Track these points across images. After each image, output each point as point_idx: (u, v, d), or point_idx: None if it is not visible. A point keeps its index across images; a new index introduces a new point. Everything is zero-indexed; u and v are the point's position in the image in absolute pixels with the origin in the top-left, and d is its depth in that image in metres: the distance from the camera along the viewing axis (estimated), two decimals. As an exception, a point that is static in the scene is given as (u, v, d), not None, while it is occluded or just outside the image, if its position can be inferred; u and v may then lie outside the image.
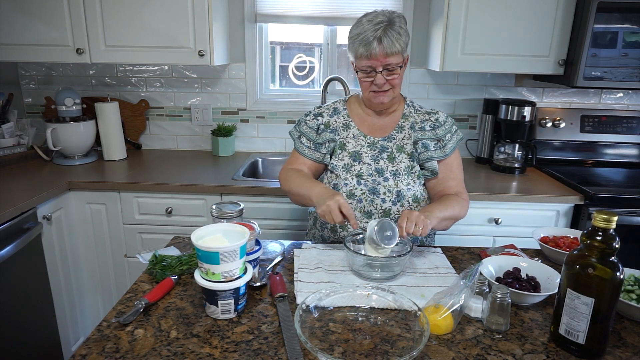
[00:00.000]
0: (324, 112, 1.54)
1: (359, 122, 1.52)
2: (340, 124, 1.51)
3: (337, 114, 1.53)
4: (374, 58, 1.34)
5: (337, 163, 1.48)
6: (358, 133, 1.49)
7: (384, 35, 1.32)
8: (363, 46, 1.34)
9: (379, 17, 1.35)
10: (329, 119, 1.52)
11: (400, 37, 1.34)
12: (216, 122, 2.56)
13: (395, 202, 1.43)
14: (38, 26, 2.08)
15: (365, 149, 1.47)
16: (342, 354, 0.87)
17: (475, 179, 2.19)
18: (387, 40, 1.32)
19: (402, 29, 1.35)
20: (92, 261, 2.11)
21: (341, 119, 1.52)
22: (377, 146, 1.47)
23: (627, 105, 2.48)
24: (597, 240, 0.85)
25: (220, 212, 1.19)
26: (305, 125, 1.54)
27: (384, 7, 2.37)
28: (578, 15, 2.01)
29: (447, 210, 1.34)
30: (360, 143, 1.48)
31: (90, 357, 0.87)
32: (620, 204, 1.91)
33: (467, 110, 2.52)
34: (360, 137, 1.49)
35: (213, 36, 2.11)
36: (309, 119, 1.55)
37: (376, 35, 1.31)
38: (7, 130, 2.24)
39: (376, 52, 1.33)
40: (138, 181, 2.01)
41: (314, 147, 1.52)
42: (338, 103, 1.57)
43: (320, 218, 1.50)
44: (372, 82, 1.39)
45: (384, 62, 1.35)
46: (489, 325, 0.98)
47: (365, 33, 1.33)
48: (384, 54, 1.33)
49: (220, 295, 0.97)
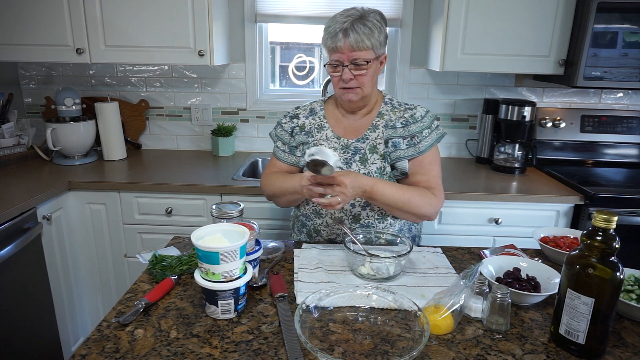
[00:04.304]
0: (301, 114, 1.52)
1: (334, 124, 1.47)
2: (315, 126, 1.48)
3: (314, 114, 1.50)
4: (340, 51, 1.30)
5: None
6: (332, 135, 1.45)
7: (351, 28, 1.28)
8: (330, 38, 1.31)
9: (351, 11, 1.33)
10: (304, 120, 1.50)
11: (372, 32, 1.29)
12: (216, 122, 2.56)
13: (364, 206, 1.40)
14: (38, 26, 2.08)
15: (339, 151, 1.43)
16: (342, 354, 0.87)
17: (475, 179, 2.19)
18: (354, 34, 1.28)
19: (375, 24, 1.31)
20: (92, 261, 2.11)
21: (316, 120, 1.48)
22: (350, 148, 1.43)
23: (627, 105, 2.48)
24: (597, 240, 0.85)
25: (220, 212, 1.19)
26: (281, 128, 1.54)
27: (384, 6, 2.39)
28: (578, 15, 2.01)
29: (398, 194, 1.29)
30: (333, 145, 1.44)
31: (90, 357, 0.87)
32: (620, 204, 1.91)
33: (467, 110, 2.52)
34: (334, 140, 1.45)
35: (213, 36, 2.11)
36: (284, 121, 1.53)
37: (343, 28, 1.28)
38: (7, 130, 2.24)
39: (341, 45, 1.29)
40: (138, 181, 2.01)
41: (289, 150, 1.52)
42: (316, 103, 1.54)
43: (297, 222, 1.50)
44: (340, 78, 1.35)
45: (351, 57, 1.30)
46: (489, 325, 0.98)
47: (334, 25, 1.30)
48: (350, 47, 1.29)
49: (220, 295, 0.97)
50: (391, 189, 1.31)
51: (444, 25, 2.08)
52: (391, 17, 2.40)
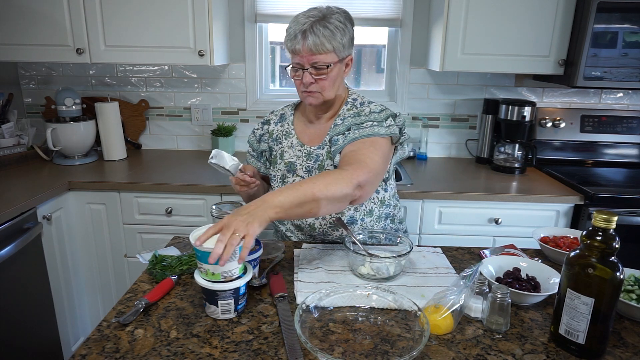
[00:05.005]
0: (272, 119, 1.50)
1: (300, 130, 1.43)
2: (283, 132, 1.45)
3: (283, 120, 1.47)
4: (299, 54, 1.25)
5: (275, 173, 1.45)
6: (296, 142, 1.41)
7: (310, 31, 1.22)
8: (290, 40, 1.26)
9: (313, 11, 1.26)
10: (274, 127, 1.47)
11: (333, 35, 1.23)
12: (216, 122, 2.56)
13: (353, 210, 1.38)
14: (38, 26, 2.08)
15: (302, 160, 1.39)
16: (342, 354, 0.87)
17: (475, 179, 2.19)
18: (312, 37, 1.22)
19: (337, 26, 1.24)
20: (92, 261, 2.11)
21: (285, 127, 1.45)
22: (312, 156, 1.38)
23: (627, 105, 2.48)
24: (597, 240, 0.85)
25: (220, 212, 1.19)
26: (253, 134, 1.53)
27: (383, 7, 2.39)
28: (578, 15, 2.01)
29: (299, 191, 1.02)
30: (297, 153, 1.40)
31: (90, 357, 0.87)
32: (620, 204, 1.91)
33: (467, 110, 2.52)
34: (298, 147, 1.41)
35: (213, 36, 2.11)
36: (257, 127, 1.52)
37: (302, 29, 1.22)
38: (7, 130, 2.24)
39: (300, 48, 1.24)
40: (138, 181, 2.01)
41: (256, 156, 1.53)
42: (287, 108, 1.50)
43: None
44: (301, 81, 1.29)
45: (311, 60, 1.25)
46: (489, 325, 0.98)
47: (295, 26, 1.24)
48: (309, 50, 1.23)
49: (220, 295, 0.97)
50: (284, 191, 1.04)
51: (444, 25, 2.08)
52: (391, 17, 2.40)
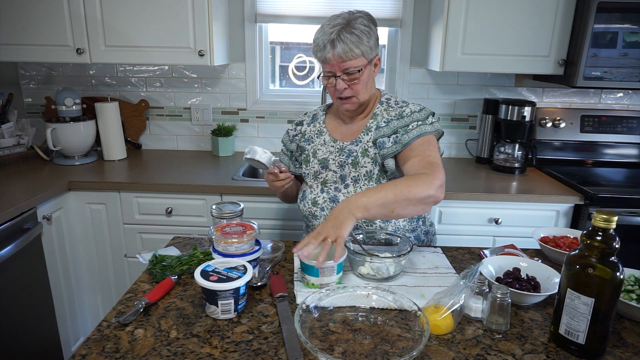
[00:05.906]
0: (305, 120, 1.54)
1: (332, 128, 1.47)
2: (315, 132, 1.49)
3: (315, 120, 1.52)
4: (329, 63, 1.29)
5: (308, 171, 1.48)
6: (329, 139, 1.45)
7: (338, 40, 1.26)
8: (319, 51, 1.30)
9: (337, 19, 1.29)
10: (307, 127, 1.52)
11: (360, 39, 1.27)
12: (216, 122, 2.56)
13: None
14: (38, 26, 2.08)
15: (334, 155, 1.42)
16: (342, 354, 0.87)
17: (475, 179, 2.19)
18: (341, 45, 1.26)
19: (363, 30, 1.28)
20: (92, 261, 2.11)
21: (317, 127, 1.50)
22: (344, 151, 1.41)
23: (627, 105, 2.48)
24: (597, 240, 0.85)
25: (220, 212, 1.20)
26: (287, 134, 1.58)
27: (383, 7, 2.39)
28: (578, 15, 2.01)
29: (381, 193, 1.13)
30: (329, 149, 1.44)
31: (90, 357, 0.87)
32: (620, 204, 1.91)
33: (467, 110, 2.52)
34: (330, 143, 1.45)
35: (213, 36, 2.11)
36: (291, 127, 1.57)
37: (330, 39, 1.26)
38: (7, 130, 2.24)
39: (330, 57, 1.27)
40: (138, 181, 2.01)
41: (289, 154, 1.57)
42: (319, 109, 1.55)
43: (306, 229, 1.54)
44: (335, 88, 1.34)
45: (342, 67, 1.29)
46: (489, 325, 0.98)
47: (322, 37, 1.28)
48: (339, 58, 1.27)
49: (220, 295, 0.97)
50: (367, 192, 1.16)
51: (443, 26, 2.08)
52: (391, 17, 2.40)
